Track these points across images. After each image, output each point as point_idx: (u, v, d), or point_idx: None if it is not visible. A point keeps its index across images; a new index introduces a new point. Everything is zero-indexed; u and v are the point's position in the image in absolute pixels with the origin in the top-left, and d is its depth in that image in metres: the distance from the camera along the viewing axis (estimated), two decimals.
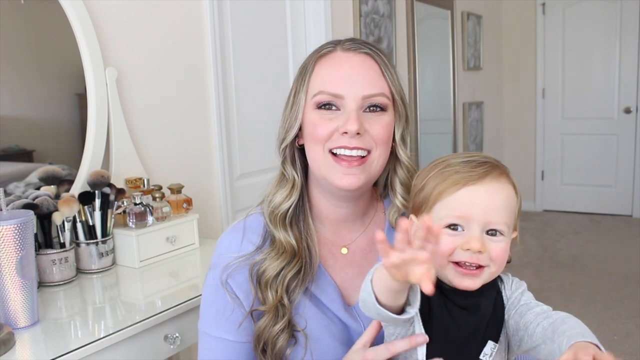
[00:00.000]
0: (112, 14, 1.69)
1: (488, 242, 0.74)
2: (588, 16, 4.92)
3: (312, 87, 0.87)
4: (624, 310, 3.07)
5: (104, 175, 1.47)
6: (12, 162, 1.52)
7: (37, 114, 1.57)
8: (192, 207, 1.68)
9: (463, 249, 0.73)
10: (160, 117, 1.87)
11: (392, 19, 3.27)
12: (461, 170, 0.76)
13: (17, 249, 1.06)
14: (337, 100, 0.85)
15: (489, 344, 0.77)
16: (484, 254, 0.73)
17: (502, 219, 0.74)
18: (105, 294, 1.37)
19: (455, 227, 0.75)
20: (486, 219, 0.74)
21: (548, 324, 0.74)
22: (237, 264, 0.89)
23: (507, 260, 0.78)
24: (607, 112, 4.96)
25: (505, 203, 0.75)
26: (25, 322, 1.10)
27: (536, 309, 0.77)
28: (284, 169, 0.92)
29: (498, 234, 0.75)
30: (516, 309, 0.79)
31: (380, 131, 0.85)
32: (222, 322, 0.90)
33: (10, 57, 1.48)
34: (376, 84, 0.86)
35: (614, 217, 4.94)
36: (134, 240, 1.48)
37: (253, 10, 2.29)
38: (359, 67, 0.86)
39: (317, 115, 0.86)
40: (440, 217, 0.76)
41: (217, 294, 0.91)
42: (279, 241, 0.89)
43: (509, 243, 0.76)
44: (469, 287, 0.74)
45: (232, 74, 2.17)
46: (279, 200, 0.90)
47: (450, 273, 0.75)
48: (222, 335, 0.90)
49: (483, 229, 0.74)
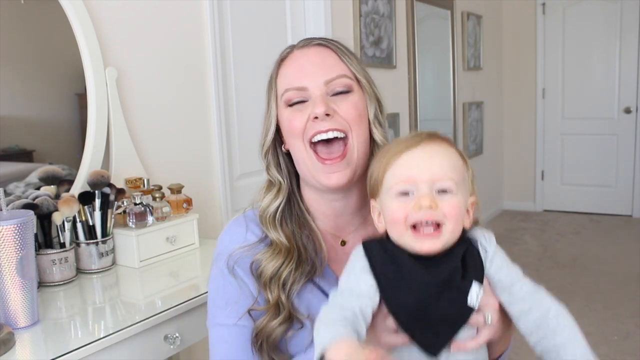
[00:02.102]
0: (112, 14, 1.69)
1: (439, 200, 0.74)
2: (588, 16, 4.92)
3: (279, 89, 0.91)
4: (624, 310, 3.07)
5: (104, 175, 1.47)
6: (12, 162, 1.52)
7: (37, 114, 1.58)
8: (192, 207, 1.68)
9: (415, 209, 0.74)
10: (160, 117, 1.87)
11: (392, 19, 3.27)
12: (401, 142, 0.79)
13: (17, 249, 1.06)
14: (303, 94, 0.89)
15: (473, 287, 0.76)
16: (437, 210, 0.74)
17: (447, 175, 0.75)
18: (105, 294, 1.37)
19: (406, 193, 0.76)
20: (431, 177, 0.75)
21: (535, 326, 0.76)
22: (242, 252, 0.91)
23: (473, 221, 0.79)
24: (607, 112, 4.96)
25: (448, 161, 0.76)
26: (25, 322, 1.10)
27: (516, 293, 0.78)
28: (269, 174, 0.96)
29: (448, 191, 0.75)
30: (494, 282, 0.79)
31: (348, 110, 0.88)
32: (234, 308, 0.89)
33: (10, 57, 1.48)
34: (335, 68, 0.89)
35: (614, 217, 4.94)
36: (134, 240, 1.48)
37: (253, 10, 2.29)
38: (315, 57, 0.90)
39: (289, 112, 0.90)
40: (390, 187, 0.77)
41: (224, 283, 0.91)
42: (273, 241, 0.91)
43: (461, 200, 0.76)
44: (430, 249, 0.74)
45: (232, 74, 2.17)
46: (265, 203, 0.94)
47: (409, 239, 0.75)
48: (236, 322, 0.89)
49: (431, 189, 0.75)
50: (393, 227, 0.77)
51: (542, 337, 0.76)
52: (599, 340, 2.78)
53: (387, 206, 0.78)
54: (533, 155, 5.31)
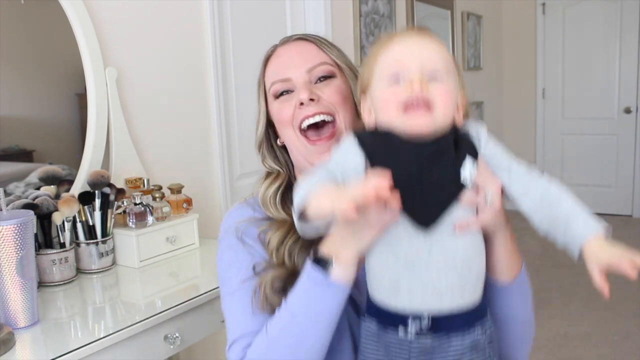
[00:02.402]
0: (112, 14, 1.69)
1: (430, 83, 0.73)
2: (588, 16, 4.92)
3: (267, 85, 0.97)
4: (624, 310, 3.07)
5: (104, 175, 1.47)
6: (12, 162, 1.52)
7: (37, 114, 1.58)
8: (192, 207, 1.68)
9: (406, 91, 0.73)
10: (160, 117, 1.87)
11: (392, 19, 3.27)
12: (392, 34, 0.79)
13: (17, 249, 1.06)
14: (288, 84, 0.93)
15: (467, 160, 0.74)
16: (427, 92, 0.72)
17: (437, 64, 0.74)
18: (105, 294, 1.37)
19: (397, 80, 0.74)
20: (421, 63, 0.73)
21: (539, 200, 0.75)
22: (247, 223, 0.93)
23: (464, 113, 0.78)
24: (607, 112, 4.96)
25: (438, 53, 0.75)
26: (25, 322, 1.10)
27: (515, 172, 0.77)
28: (266, 166, 1.00)
29: (437, 77, 0.74)
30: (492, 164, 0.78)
31: (332, 93, 0.91)
32: (245, 271, 0.89)
33: (10, 57, 1.48)
34: (315, 57, 0.94)
35: (614, 217, 4.94)
36: (134, 240, 1.48)
37: (253, 10, 2.29)
38: (296, 50, 0.95)
39: (277, 104, 0.94)
40: (381, 76, 0.76)
41: (235, 253, 0.91)
42: (276, 218, 0.93)
43: (452, 88, 0.75)
44: (422, 128, 0.72)
45: (232, 74, 2.17)
46: (264, 187, 0.97)
47: (400, 120, 0.73)
48: (252, 275, 0.88)
49: (421, 72, 0.73)
50: (384, 111, 0.76)
51: (547, 211, 0.74)
52: (599, 340, 2.78)
53: (378, 94, 0.76)
54: (533, 155, 5.31)
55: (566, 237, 0.73)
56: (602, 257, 0.70)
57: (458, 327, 0.75)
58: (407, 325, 0.74)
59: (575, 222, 0.72)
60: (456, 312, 0.74)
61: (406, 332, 0.74)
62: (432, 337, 0.74)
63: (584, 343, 2.76)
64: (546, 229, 0.75)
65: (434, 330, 0.74)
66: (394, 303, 0.75)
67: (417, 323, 0.74)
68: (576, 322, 3.01)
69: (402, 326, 0.74)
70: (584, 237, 0.71)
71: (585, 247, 0.71)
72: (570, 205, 0.74)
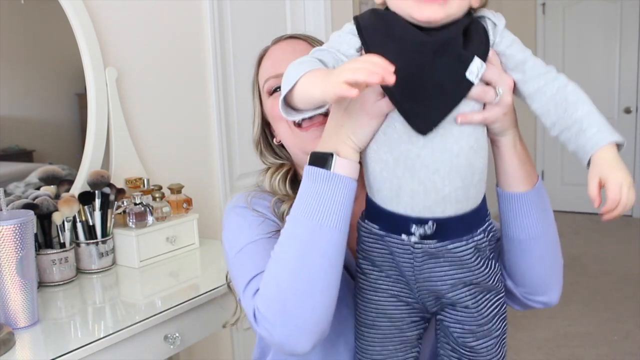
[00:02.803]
0: (112, 14, 1.69)
1: None
2: (588, 16, 4.92)
3: (261, 83, 0.97)
4: (624, 310, 3.07)
5: (104, 175, 1.47)
6: (12, 162, 1.52)
7: (37, 114, 1.58)
8: (192, 207, 1.68)
9: None
10: (160, 117, 1.87)
11: None
12: None
13: (17, 249, 1.06)
14: (281, 80, 0.90)
15: (475, 61, 0.67)
16: None
17: None
18: (105, 294, 1.37)
19: None
20: None
21: (553, 102, 0.70)
22: (257, 195, 0.92)
23: (482, 2, 0.71)
24: (607, 112, 4.96)
25: None
26: (25, 322, 1.10)
27: (530, 70, 0.72)
28: (265, 163, 0.99)
29: None
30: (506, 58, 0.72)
31: None
32: (257, 230, 0.85)
33: (10, 57, 1.48)
34: (306, 52, 0.91)
35: None
36: (134, 240, 1.48)
37: (253, 10, 2.29)
38: (288, 47, 0.95)
39: (271, 100, 0.94)
40: None
41: (244, 218, 0.87)
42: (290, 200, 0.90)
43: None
44: (430, 16, 0.65)
45: (232, 74, 2.17)
46: (269, 178, 0.95)
47: (410, 5, 0.66)
48: (261, 236, 0.84)
49: None
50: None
51: (561, 114, 0.70)
52: (599, 340, 2.78)
53: None
54: (533, 155, 5.29)
55: (578, 143, 0.69)
56: (604, 170, 0.67)
57: (462, 232, 0.72)
58: (411, 230, 0.71)
59: (589, 129, 0.68)
60: (460, 216, 0.71)
61: (409, 237, 0.72)
62: (435, 242, 0.72)
63: (584, 343, 2.76)
64: (558, 132, 0.71)
65: (438, 236, 0.71)
66: (396, 208, 0.72)
67: (421, 228, 0.71)
68: (576, 322, 3.01)
69: (405, 231, 0.71)
70: (597, 145, 0.68)
71: (595, 154, 0.68)
72: (586, 110, 0.69)
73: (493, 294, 0.78)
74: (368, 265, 0.78)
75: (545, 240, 0.83)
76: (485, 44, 0.70)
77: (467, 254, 0.73)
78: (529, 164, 0.80)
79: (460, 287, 0.75)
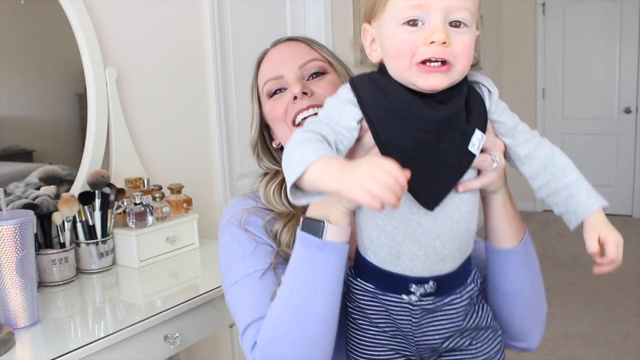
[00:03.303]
0: (112, 14, 1.69)
1: (452, 35, 0.66)
2: (588, 16, 4.92)
3: (260, 85, 0.96)
4: (624, 310, 3.07)
5: (104, 175, 1.47)
6: (12, 162, 1.52)
7: (37, 114, 1.58)
8: (192, 207, 1.68)
9: (426, 43, 0.65)
10: (160, 117, 1.87)
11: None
12: None
13: (17, 249, 1.06)
14: (281, 82, 0.93)
15: (476, 134, 0.69)
16: (449, 47, 0.65)
17: (465, 4, 0.66)
18: (105, 294, 1.37)
19: (415, 22, 0.66)
20: (447, 5, 0.65)
21: (542, 167, 0.74)
22: (251, 212, 0.91)
23: (472, 63, 0.71)
24: (607, 112, 4.96)
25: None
26: (25, 322, 1.10)
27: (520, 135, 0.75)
28: (262, 167, 0.99)
29: (462, 25, 0.66)
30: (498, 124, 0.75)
31: (325, 88, 0.90)
32: (250, 259, 0.85)
33: (10, 57, 1.48)
34: (306, 54, 0.94)
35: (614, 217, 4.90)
36: (134, 240, 1.48)
37: (253, 10, 2.29)
38: (287, 49, 0.95)
39: (271, 103, 0.94)
40: (396, 12, 0.67)
41: (238, 241, 0.88)
42: (283, 212, 0.91)
43: (473, 37, 0.68)
44: (435, 86, 0.66)
45: (232, 74, 2.17)
46: (264, 187, 0.95)
47: (413, 75, 0.66)
48: (257, 268, 0.84)
49: (445, 20, 0.65)
50: (395, 60, 0.68)
51: (550, 178, 0.74)
52: (599, 340, 2.78)
53: (390, 35, 0.68)
54: None
55: (567, 206, 0.74)
56: (602, 231, 0.72)
57: (456, 285, 0.75)
58: (410, 290, 0.73)
59: (579, 194, 0.73)
60: (454, 271, 0.74)
61: (410, 297, 0.73)
62: (433, 298, 0.74)
63: (584, 343, 2.76)
64: (546, 195, 0.76)
65: (436, 293, 0.74)
66: (394, 269, 0.73)
67: (421, 288, 0.73)
68: (576, 322, 3.01)
69: (404, 291, 0.73)
70: (589, 209, 0.72)
71: (588, 218, 0.72)
72: (574, 177, 0.74)
73: (490, 332, 0.80)
74: (365, 321, 0.78)
75: (529, 293, 0.86)
76: (484, 115, 0.72)
77: (462, 305, 0.76)
78: (517, 220, 0.83)
79: (457, 336, 0.78)
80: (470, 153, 0.70)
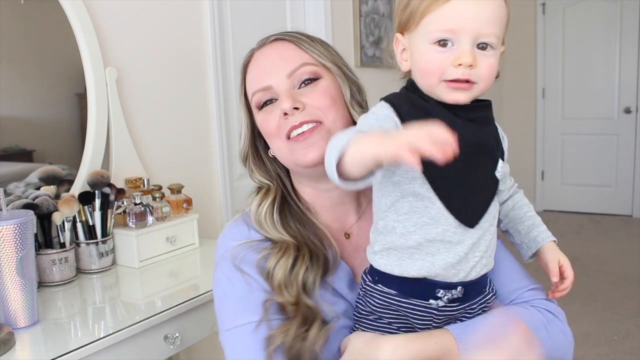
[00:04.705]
0: (112, 14, 1.69)
1: (479, 57, 0.70)
2: (588, 16, 4.92)
3: (249, 95, 0.91)
4: (624, 310, 3.07)
5: (104, 175, 1.47)
6: (12, 162, 1.52)
7: (37, 114, 1.58)
8: (192, 207, 1.68)
9: (454, 65, 0.70)
10: (160, 117, 1.87)
11: (392, 18, 3.27)
12: None
13: (17, 249, 1.06)
14: (270, 93, 0.87)
15: (500, 162, 0.79)
16: (475, 69, 0.70)
17: (493, 30, 0.70)
18: (105, 294, 1.37)
19: (445, 43, 0.70)
20: (477, 31, 0.69)
21: (510, 207, 0.89)
22: (246, 247, 0.87)
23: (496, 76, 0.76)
24: (607, 112, 4.96)
25: (496, 13, 0.71)
26: (25, 322, 1.10)
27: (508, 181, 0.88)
28: (254, 180, 0.94)
29: (489, 47, 0.71)
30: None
31: (318, 99, 0.86)
32: (245, 306, 0.82)
33: (10, 57, 1.48)
34: (294, 59, 0.88)
35: (614, 217, 4.94)
36: (134, 240, 1.48)
37: (253, 10, 2.29)
38: (273, 54, 0.89)
39: (262, 115, 0.89)
40: (428, 32, 0.71)
41: (231, 282, 0.84)
42: (277, 241, 0.87)
43: (498, 59, 0.73)
44: (459, 100, 0.72)
45: (232, 74, 2.17)
46: (255, 205, 0.91)
47: (441, 90, 0.72)
48: (250, 319, 0.80)
49: (474, 43, 0.70)
50: (424, 77, 0.74)
51: (518, 212, 0.88)
52: (599, 340, 2.78)
53: (421, 52, 0.73)
54: (533, 155, 5.31)
55: (530, 235, 0.87)
56: (561, 257, 0.85)
57: (480, 289, 0.80)
58: (437, 295, 0.75)
59: (540, 226, 0.87)
60: (479, 278, 0.78)
61: (437, 302, 0.76)
62: (458, 304, 0.77)
63: (584, 343, 2.76)
64: (506, 227, 0.89)
65: (461, 299, 0.77)
66: (423, 275, 0.75)
67: (449, 293, 0.76)
68: (576, 322, 3.00)
69: (431, 297, 0.75)
70: (544, 240, 0.86)
71: (544, 247, 0.86)
72: (534, 214, 0.89)
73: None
74: (384, 325, 0.79)
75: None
76: (501, 146, 0.82)
77: (481, 306, 0.81)
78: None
79: None
80: (495, 178, 0.79)
